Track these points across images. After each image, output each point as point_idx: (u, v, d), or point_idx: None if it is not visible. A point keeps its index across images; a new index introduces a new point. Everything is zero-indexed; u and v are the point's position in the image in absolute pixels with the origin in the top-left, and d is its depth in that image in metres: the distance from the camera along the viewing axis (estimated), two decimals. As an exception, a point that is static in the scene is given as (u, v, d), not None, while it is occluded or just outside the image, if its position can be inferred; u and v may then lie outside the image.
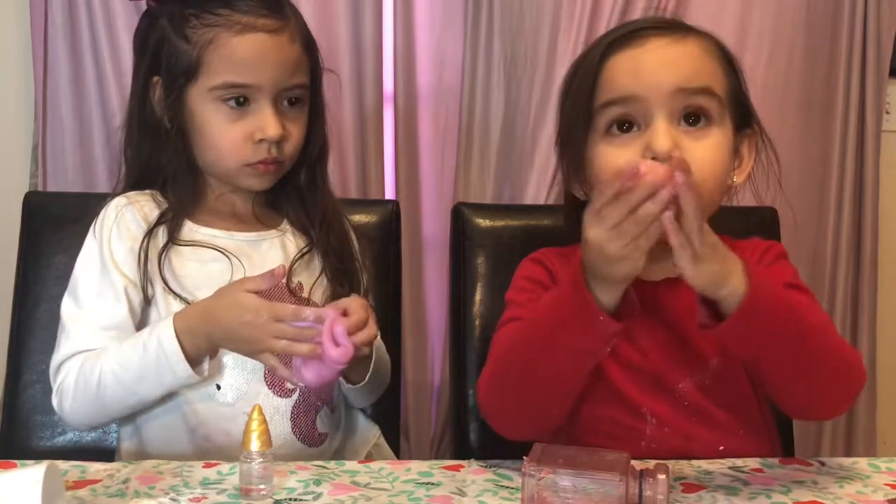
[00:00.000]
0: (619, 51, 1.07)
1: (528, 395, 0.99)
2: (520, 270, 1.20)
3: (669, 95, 1.04)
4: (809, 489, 0.97)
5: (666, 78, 1.04)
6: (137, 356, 1.11)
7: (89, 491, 0.93)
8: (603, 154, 1.08)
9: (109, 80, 1.91)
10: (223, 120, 1.18)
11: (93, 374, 1.12)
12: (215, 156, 1.20)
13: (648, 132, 1.04)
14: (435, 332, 2.08)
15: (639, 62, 1.06)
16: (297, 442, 1.19)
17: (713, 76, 1.07)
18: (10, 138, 1.99)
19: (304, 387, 1.18)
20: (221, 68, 1.16)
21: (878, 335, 2.22)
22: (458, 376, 1.39)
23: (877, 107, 2.15)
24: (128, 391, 1.12)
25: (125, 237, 1.18)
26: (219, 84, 1.17)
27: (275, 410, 1.17)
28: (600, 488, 0.83)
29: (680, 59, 1.06)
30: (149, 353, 1.10)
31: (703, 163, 1.04)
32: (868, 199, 2.17)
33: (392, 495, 0.93)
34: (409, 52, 2.02)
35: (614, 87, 1.06)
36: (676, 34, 1.08)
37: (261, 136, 1.17)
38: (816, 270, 2.18)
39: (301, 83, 1.21)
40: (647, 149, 1.03)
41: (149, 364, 1.10)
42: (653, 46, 1.06)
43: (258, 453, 0.91)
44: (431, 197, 2.09)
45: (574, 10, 1.99)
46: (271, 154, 1.19)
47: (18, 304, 1.37)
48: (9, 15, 1.96)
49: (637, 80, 1.05)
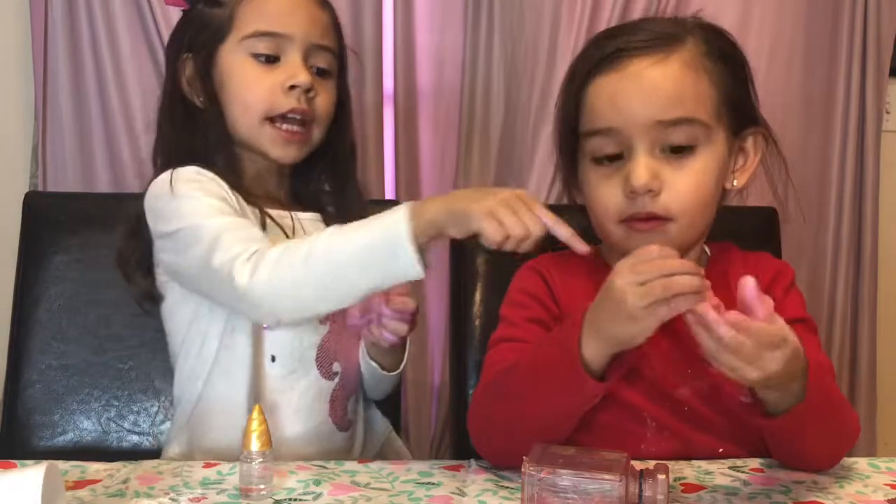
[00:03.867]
0: (601, 75, 1.07)
1: (515, 433, 0.99)
2: (516, 280, 1.19)
3: (647, 128, 1.04)
4: (809, 489, 0.97)
5: (643, 111, 1.04)
6: (355, 235, 0.98)
7: (89, 491, 0.93)
8: (591, 182, 1.09)
9: (109, 80, 1.91)
10: (252, 73, 1.18)
11: (300, 250, 1.00)
12: (242, 111, 1.18)
13: (629, 164, 1.05)
14: (435, 332, 2.08)
15: (616, 91, 1.05)
16: (332, 424, 1.21)
17: (696, 98, 1.05)
18: (10, 138, 1.99)
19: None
20: (253, 19, 1.18)
21: (878, 335, 2.22)
22: (458, 376, 1.39)
23: (877, 107, 2.15)
24: (338, 271, 0.98)
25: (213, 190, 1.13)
26: (250, 33, 1.18)
27: (319, 391, 1.19)
28: (600, 488, 0.83)
29: (659, 86, 1.04)
30: (371, 232, 0.98)
31: (685, 193, 1.05)
32: (868, 198, 2.17)
33: (392, 495, 0.93)
34: (409, 52, 2.02)
35: (594, 117, 1.07)
36: (659, 52, 1.05)
37: (291, 82, 1.17)
38: (816, 270, 2.18)
39: (330, 47, 1.22)
40: (625, 182, 1.05)
41: (369, 244, 0.97)
42: (633, 72, 1.05)
43: (258, 453, 0.91)
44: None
45: (574, 10, 1.99)
46: (301, 104, 1.17)
47: (18, 304, 1.37)
48: (9, 15, 1.96)
49: (615, 111, 1.05)
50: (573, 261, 1.17)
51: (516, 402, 0.99)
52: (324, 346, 1.20)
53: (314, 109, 1.20)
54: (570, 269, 1.16)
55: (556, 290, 1.15)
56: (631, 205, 1.05)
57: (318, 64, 1.21)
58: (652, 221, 1.06)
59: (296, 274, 0.99)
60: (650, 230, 1.06)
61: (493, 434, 1.03)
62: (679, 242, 1.08)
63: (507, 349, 1.10)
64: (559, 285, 1.15)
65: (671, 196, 1.05)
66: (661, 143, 1.04)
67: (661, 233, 1.07)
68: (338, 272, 0.98)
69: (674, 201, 1.05)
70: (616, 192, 1.06)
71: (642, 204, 1.05)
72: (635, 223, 1.06)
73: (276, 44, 1.18)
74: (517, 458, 0.86)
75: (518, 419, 0.99)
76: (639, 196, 1.04)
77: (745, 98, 1.11)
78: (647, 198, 1.04)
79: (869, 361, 2.19)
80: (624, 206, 1.06)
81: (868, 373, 2.20)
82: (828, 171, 2.17)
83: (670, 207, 1.05)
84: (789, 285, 1.16)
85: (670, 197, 1.05)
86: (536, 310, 1.14)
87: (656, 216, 1.05)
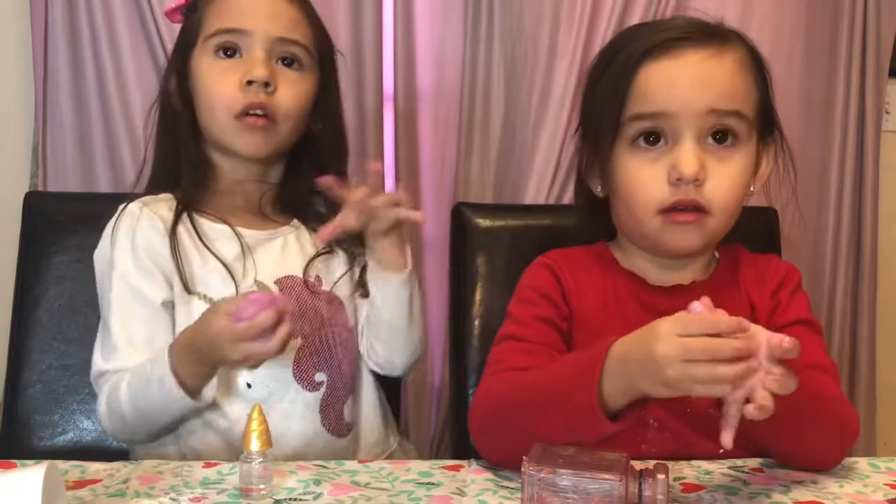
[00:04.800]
0: (654, 61, 1.05)
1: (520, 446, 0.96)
2: (527, 276, 1.18)
3: (701, 115, 1.04)
4: (809, 489, 0.97)
5: (700, 97, 1.04)
6: (144, 388, 1.11)
7: (89, 491, 0.93)
8: (629, 166, 1.07)
9: (109, 80, 1.91)
10: (216, 71, 1.20)
11: (118, 401, 1.13)
12: (209, 112, 1.21)
13: (676, 150, 1.04)
14: (435, 332, 2.08)
15: (674, 77, 1.05)
16: (328, 434, 1.20)
17: (746, 96, 1.07)
18: (10, 138, 1.99)
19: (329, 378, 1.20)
20: (215, 18, 1.20)
21: (878, 335, 2.22)
22: (458, 376, 1.39)
23: (877, 107, 2.15)
24: (149, 420, 1.13)
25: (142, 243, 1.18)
26: (212, 32, 1.20)
27: (305, 405, 1.18)
28: (600, 488, 0.83)
29: (716, 77, 1.05)
30: (152, 388, 1.10)
31: (727, 188, 1.05)
32: (868, 199, 2.17)
33: (392, 495, 0.93)
34: (409, 52, 2.02)
35: (647, 100, 1.05)
36: (714, 46, 1.06)
37: (248, 77, 1.18)
38: (816, 270, 2.18)
39: (297, 41, 1.22)
40: (672, 168, 1.04)
41: (155, 397, 1.10)
42: (689, 61, 1.05)
43: (258, 453, 0.91)
44: (431, 197, 2.09)
45: (574, 10, 1.99)
46: (259, 98, 1.18)
47: (18, 304, 1.37)
48: (9, 15, 1.96)
49: (671, 96, 1.04)
50: (585, 257, 1.18)
51: (525, 421, 0.97)
52: (300, 361, 1.19)
53: (275, 102, 1.20)
54: (582, 265, 1.16)
55: (567, 288, 1.14)
56: (674, 192, 1.05)
57: (286, 55, 1.21)
58: (693, 213, 1.05)
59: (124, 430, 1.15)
60: (690, 223, 1.06)
61: (497, 442, 1.02)
62: (711, 238, 1.09)
63: (512, 348, 1.10)
64: (570, 282, 1.15)
65: (714, 188, 1.05)
66: (709, 131, 1.04)
67: (698, 226, 1.06)
68: (149, 420, 1.13)
69: (716, 193, 1.05)
70: (659, 179, 1.05)
71: (686, 192, 1.04)
72: (676, 215, 1.06)
73: (236, 39, 1.19)
74: (518, 461, 0.86)
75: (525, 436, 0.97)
76: (683, 184, 1.04)
77: (772, 108, 1.12)
78: (692, 186, 1.04)
79: (868, 361, 2.19)
80: (668, 194, 1.05)
81: (868, 373, 2.20)
82: (827, 170, 2.17)
83: (712, 199, 1.05)
84: (796, 287, 1.17)
85: (713, 189, 1.05)
86: (545, 308, 1.13)
87: (699, 206, 1.05)
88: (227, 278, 1.17)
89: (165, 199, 1.24)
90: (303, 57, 1.23)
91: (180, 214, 1.20)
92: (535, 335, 1.11)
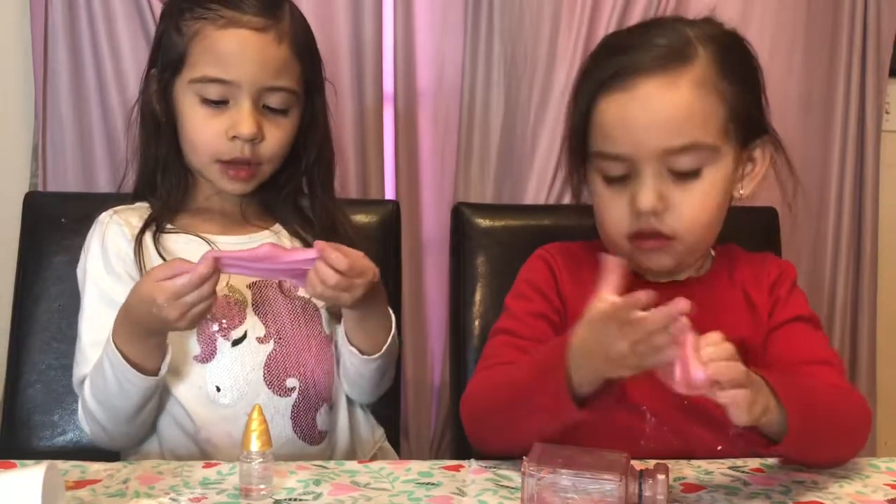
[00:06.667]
0: (609, 94, 1.07)
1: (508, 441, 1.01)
2: (525, 269, 1.20)
3: (656, 155, 1.05)
4: (809, 489, 0.97)
5: (653, 139, 1.05)
6: (101, 379, 1.11)
7: (89, 491, 0.93)
8: (599, 192, 1.11)
9: (109, 80, 1.90)
10: (200, 115, 1.18)
11: (86, 402, 1.14)
12: (191, 150, 1.21)
13: (636, 183, 1.07)
14: (435, 332, 2.08)
15: (627, 116, 1.06)
16: (298, 440, 1.19)
17: (704, 121, 1.06)
18: (10, 138, 1.98)
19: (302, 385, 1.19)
20: (202, 61, 1.17)
21: (878, 335, 2.22)
22: (458, 376, 1.39)
23: (877, 107, 2.15)
24: (115, 412, 1.13)
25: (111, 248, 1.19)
26: (198, 77, 1.18)
27: (275, 410, 1.17)
28: (600, 488, 0.83)
29: (667, 113, 1.05)
30: (107, 375, 1.10)
31: (690, 215, 1.07)
32: (868, 199, 2.17)
33: (392, 495, 0.93)
34: (409, 52, 2.02)
35: (606, 140, 1.08)
36: (670, 72, 1.05)
37: (233, 132, 1.17)
38: (816, 270, 2.18)
39: (286, 87, 1.19)
40: (632, 202, 1.07)
41: (112, 382, 1.10)
42: (643, 94, 1.05)
43: (258, 453, 0.91)
44: (431, 197, 2.08)
45: (574, 10, 1.99)
46: (244, 154, 1.18)
47: (18, 304, 1.37)
48: (9, 15, 1.95)
49: (626, 138, 1.06)
50: (582, 251, 1.19)
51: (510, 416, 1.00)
52: (271, 365, 1.19)
53: (260, 154, 1.19)
54: (579, 258, 1.18)
55: (561, 282, 1.17)
56: (636, 222, 1.08)
57: (271, 104, 1.19)
58: (657, 240, 1.08)
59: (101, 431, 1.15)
60: (655, 249, 1.09)
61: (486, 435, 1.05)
62: (684, 258, 1.12)
63: (505, 343, 1.13)
64: (565, 275, 1.17)
65: (676, 217, 1.07)
66: (668, 167, 1.06)
67: (665, 251, 1.10)
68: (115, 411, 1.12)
69: (678, 222, 1.07)
70: (623, 210, 1.08)
71: (647, 222, 1.07)
72: (641, 241, 1.09)
73: (224, 90, 1.17)
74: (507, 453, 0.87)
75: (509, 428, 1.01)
76: (644, 216, 1.07)
77: (756, 109, 1.12)
78: (653, 217, 1.07)
79: (868, 361, 2.19)
80: (630, 223, 1.08)
81: (868, 373, 2.19)
82: (827, 170, 2.16)
83: (675, 228, 1.08)
84: (792, 284, 1.18)
85: (675, 218, 1.07)
86: (539, 303, 1.15)
87: (662, 234, 1.08)
88: None
89: (138, 209, 1.24)
90: (289, 100, 1.21)
91: (148, 224, 1.21)
92: (527, 331, 1.13)
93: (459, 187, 2.05)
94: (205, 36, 1.17)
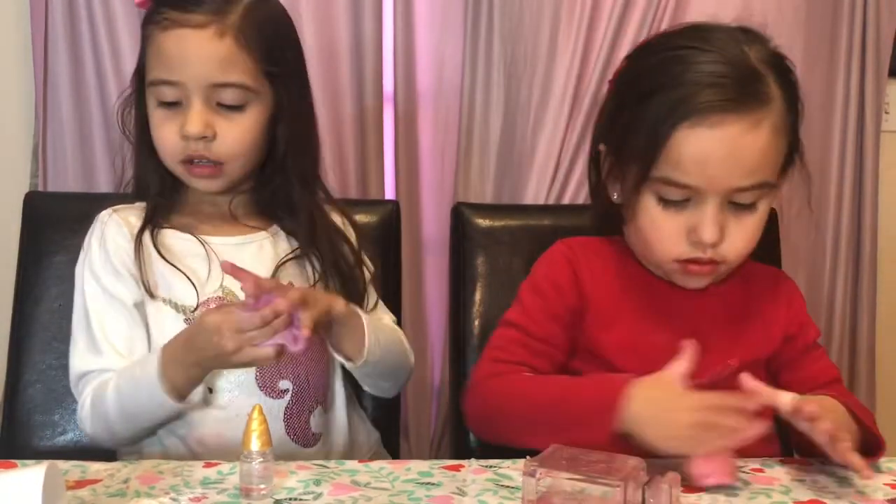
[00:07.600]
0: (690, 127, 1.04)
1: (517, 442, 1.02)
2: (545, 262, 1.20)
3: (727, 190, 1.06)
4: (809, 489, 0.97)
5: (729, 177, 1.05)
6: (132, 390, 1.12)
7: (90, 491, 0.93)
8: (651, 212, 1.10)
9: (109, 80, 1.90)
10: (158, 117, 1.19)
11: (104, 403, 1.13)
12: (159, 152, 1.21)
13: (698, 213, 1.07)
14: (435, 332, 2.08)
15: (707, 153, 1.04)
16: (291, 442, 1.19)
17: (775, 161, 1.08)
18: (10, 138, 1.99)
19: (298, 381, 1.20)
20: (153, 65, 1.19)
21: (878, 335, 2.21)
22: (458, 376, 1.39)
23: (876, 107, 2.15)
24: (134, 423, 1.14)
25: (111, 246, 1.20)
26: (151, 80, 1.19)
27: (268, 412, 1.16)
28: (601, 492, 0.83)
29: (748, 155, 1.05)
30: (141, 390, 1.11)
31: (744, 244, 1.10)
32: (867, 199, 2.16)
33: (392, 495, 0.93)
34: (409, 52, 2.02)
35: (678, 170, 1.06)
36: (753, 114, 1.04)
37: (182, 131, 1.17)
38: (816, 270, 2.18)
39: (236, 82, 1.17)
40: (692, 230, 1.07)
41: (143, 399, 1.11)
42: (726, 134, 1.04)
43: (258, 453, 0.91)
44: (431, 197, 2.08)
45: (574, 11, 1.99)
46: (197, 152, 1.17)
47: (18, 304, 1.37)
48: (9, 15, 1.95)
49: (701, 173, 1.05)
50: (604, 246, 1.21)
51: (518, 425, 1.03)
52: (263, 367, 1.18)
53: (216, 150, 1.18)
54: (601, 253, 1.19)
55: (581, 277, 1.17)
56: (692, 250, 1.09)
57: (224, 101, 1.17)
58: (708, 265, 1.10)
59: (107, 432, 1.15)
60: (704, 273, 1.12)
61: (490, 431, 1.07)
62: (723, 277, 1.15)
63: (514, 339, 1.14)
64: (586, 272, 1.17)
65: (731, 245, 1.09)
66: (730, 200, 1.07)
67: (712, 273, 1.12)
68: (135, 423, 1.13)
69: (730, 251, 1.09)
70: (678, 235, 1.09)
71: (703, 251, 1.08)
72: (691, 266, 1.10)
73: (175, 91, 1.17)
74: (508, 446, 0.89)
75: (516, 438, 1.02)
76: (701, 246, 1.08)
77: (798, 140, 1.13)
78: (710, 248, 1.08)
79: (868, 361, 2.19)
80: (684, 250, 1.09)
81: (867, 373, 2.19)
82: (827, 171, 2.16)
83: (726, 256, 1.09)
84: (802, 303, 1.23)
85: (730, 246, 1.09)
86: (555, 303, 1.16)
87: (712, 261, 1.10)
88: (189, 285, 1.18)
89: (137, 208, 1.25)
90: (242, 95, 1.18)
91: (146, 224, 1.21)
92: (539, 331, 1.13)
93: (459, 187, 2.05)
94: (153, 40, 1.18)
